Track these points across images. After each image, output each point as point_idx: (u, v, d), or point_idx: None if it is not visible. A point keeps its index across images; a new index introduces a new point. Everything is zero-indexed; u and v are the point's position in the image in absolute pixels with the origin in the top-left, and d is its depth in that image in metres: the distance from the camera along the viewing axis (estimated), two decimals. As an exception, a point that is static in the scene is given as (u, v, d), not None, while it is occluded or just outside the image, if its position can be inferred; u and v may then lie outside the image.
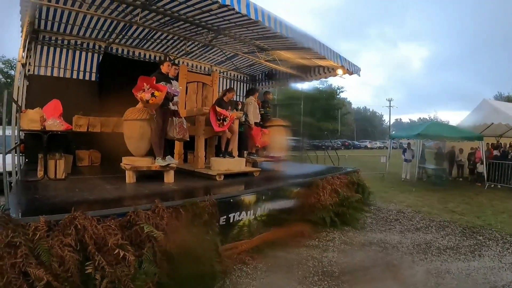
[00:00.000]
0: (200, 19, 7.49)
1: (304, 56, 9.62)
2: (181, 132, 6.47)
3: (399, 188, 13.25)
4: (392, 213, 8.80)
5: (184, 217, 4.17)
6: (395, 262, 5.43)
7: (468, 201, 10.98)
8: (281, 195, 6.34)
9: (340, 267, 5.07)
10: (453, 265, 5.40)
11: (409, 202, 10.47)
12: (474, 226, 7.79)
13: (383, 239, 6.56)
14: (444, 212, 9.21)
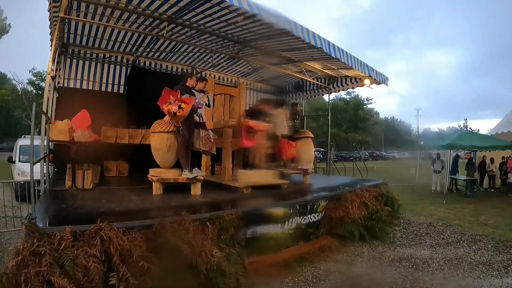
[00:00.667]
0: (226, 32, 7.58)
1: (331, 66, 9.58)
2: (208, 145, 6.49)
3: (429, 200, 12.92)
4: (422, 227, 8.57)
5: (210, 230, 4.14)
6: (426, 278, 5.24)
7: (500, 213, 10.58)
8: (309, 208, 6.23)
9: (370, 283, 4.95)
10: (485, 281, 5.20)
11: (440, 214, 10.19)
12: (508, 240, 7.49)
13: (413, 254, 6.36)
14: (476, 225, 8.92)
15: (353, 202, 7.00)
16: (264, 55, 9.07)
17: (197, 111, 6.26)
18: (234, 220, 4.47)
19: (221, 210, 4.67)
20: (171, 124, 5.94)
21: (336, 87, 11.66)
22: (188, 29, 7.46)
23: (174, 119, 5.75)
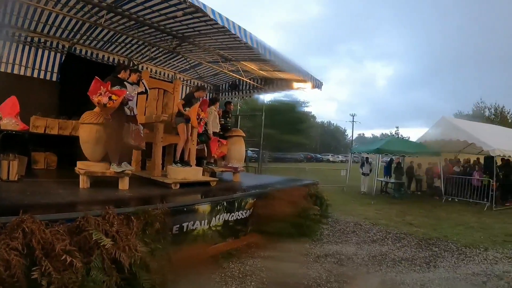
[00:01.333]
0: (165, 25, 7.59)
1: (267, 68, 9.87)
2: (137, 140, 6.40)
3: (358, 201, 13.65)
4: (349, 225, 9.05)
5: (135, 225, 4.16)
6: (350, 273, 5.59)
7: (425, 214, 11.46)
8: (236, 206, 6.42)
9: (295, 278, 5.18)
10: (408, 276, 5.61)
11: (367, 214, 10.79)
12: (430, 238, 8.12)
13: (339, 251, 6.75)
14: (401, 224, 9.54)
15: (282, 200, 7.26)
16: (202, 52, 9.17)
17: (128, 103, 6.21)
18: (159, 215, 4.51)
19: (148, 205, 4.70)
20: (101, 115, 5.86)
21: (271, 88, 11.98)
22: (127, 20, 7.37)
23: (104, 110, 5.66)
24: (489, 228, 9.65)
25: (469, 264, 6.45)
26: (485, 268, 6.21)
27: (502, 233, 9.05)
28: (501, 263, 6.59)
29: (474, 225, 10.00)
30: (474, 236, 8.60)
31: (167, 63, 10.89)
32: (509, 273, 6.01)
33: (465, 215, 11.59)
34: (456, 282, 5.50)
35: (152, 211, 4.47)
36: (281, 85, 11.68)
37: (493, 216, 11.68)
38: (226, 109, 9.80)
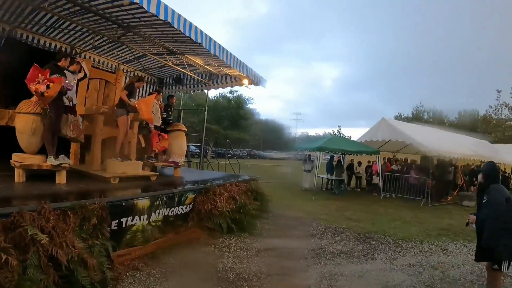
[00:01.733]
0: (111, 13, 7.35)
1: (212, 63, 9.87)
2: (76, 131, 6.20)
3: (299, 197, 13.96)
4: (290, 220, 9.22)
5: (72, 220, 4.07)
6: (290, 266, 5.75)
7: (364, 209, 11.97)
8: (177, 201, 6.43)
9: (235, 272, 5.24)
10: (346, 268, 5.86)
11: (308, 210, 11.04)
12: (369, 232, 8.51)
13: (280, 245, 6.90)
14: (340, 219, 9.88)
15: (222, 195, 7.39)
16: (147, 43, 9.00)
17: (67, 93, 5.98)
18: (97, 210, 4.43)
19: (85, 199, 4.59)
20: (38, 105, 5.59)
21: (216, 84, 12.03)
22: (72, 5, 7.03)
23: (42, 100, 5.41)
24: (425, 222, 10.30)
25: (406, 256, 6.85)
26: (420, 260, 6.64)
27: (436, 227, 9.70)
28: (436, 254, 7.09)
29: (411, 220, 10.62)
30: (410, 230, 9.13)
31: (110, 53, 10.55)
32: (443, 264, 6.49)
33: (402, 210, 12.27)
34: (393, 272, 5.82)
35: (90, 206, 4.38)
36: (225, 81, 11.78)
37: (428, 211, 12.51)
38: (169, 102, 9.68)
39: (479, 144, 21.27)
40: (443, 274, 5.92)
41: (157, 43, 8.90)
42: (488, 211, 4.45)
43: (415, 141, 15.06)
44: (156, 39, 8.67)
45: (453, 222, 10.52)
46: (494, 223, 4.32)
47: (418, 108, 55.75)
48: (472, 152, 17.50)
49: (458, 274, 6.00)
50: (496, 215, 4.34)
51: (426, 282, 5.49)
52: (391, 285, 5.25)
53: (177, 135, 9.08)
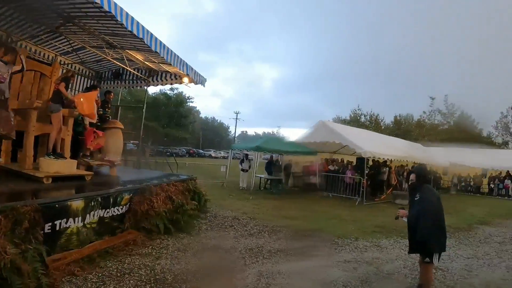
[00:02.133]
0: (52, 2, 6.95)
1: (152, 59, 9.72)
2: (6, 127, 5.81)
3: (237, 196, 14.06)
4: (227, 220, 9.26)
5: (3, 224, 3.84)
6: (228, 266, 5.85)
7: (301, 208, 12.28)
8: (112, 201, 6.25)
9: (174, 274, 5.19)
10: (284, 266, 5.98)
11: (246, 209, 11.14)
12: (305, 230, 8.76)
13: (218, 245, 6.96)
14: (278, 218, 10.05)
15: (159, 195, 7.26)
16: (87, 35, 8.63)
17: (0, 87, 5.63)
18: (29, 213, 4.21)
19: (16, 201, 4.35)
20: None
21: (156, 81, 11.79)
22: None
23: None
24: (360, 220, 10.79)
25: (341, 252, 7.15)
26: (356, 256, 6.96)
27: (371, 224, 10.19)
28: (370, 250, 7.46)
29: (347, 218, 11.09)
30: (346, 228, 9.51)
31: (48, 43, 9.88)
32: (377, 259, 6.85)
33: (338, 209, 12.77)
34: (329, 269, 6.04)
35: (21, 208, 4.16)
36: (165, 78, 11.58)
37: (363, 210, 13.16)
38: (106, 98, 9.36)
39: (412, 147, 22.86)
40: (377, 269, 6.25)
41: (97, 36, 8.52)
42: (422, 207, 4.82)
43: (351, 143, 15.93)
44: (96, 32, 8.31)
45: (386, 219, 11.00)
46: (427, 219, 4.70)
47: (356, 111, 58.11)
48: (405, 154, 18.81)
49: (392, 268, 6.37)
50: (429, 211, 4.75)
51: (361, 277, 5.75)
52: (328, 281, 5.45)
53: (113, 132, 8.69)
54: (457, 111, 49.34)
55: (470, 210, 15.15)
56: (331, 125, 19.39)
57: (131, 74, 11.84)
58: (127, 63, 10.07)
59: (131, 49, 9.23)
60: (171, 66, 9.16)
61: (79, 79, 11.89)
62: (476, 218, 12.97)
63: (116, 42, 8.89)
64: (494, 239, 9.62)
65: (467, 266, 6.83)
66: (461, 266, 6.78)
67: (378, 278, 5.82)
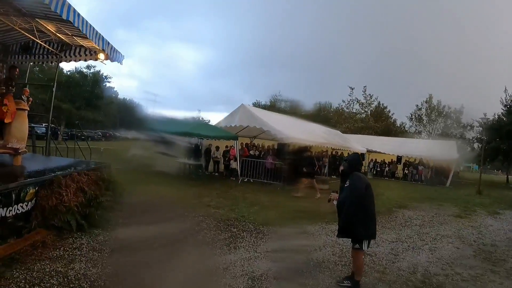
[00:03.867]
0: None
1: (65, 31, 8.86)
2: None
3: (156, 183, 13.20)
4: (146, 210, 8.61)
5: None
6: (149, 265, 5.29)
7: (223, 195, 12.08)
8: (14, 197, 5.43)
9: (90, 280, 4.64)
10: (210, 260, 5.69)
11: (165, 197, 10.63)
12: (229, 219, 8.50)
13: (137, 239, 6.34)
14: (199, 206, 9.70)
15: (69, 187, 6.65)
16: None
17: None
18: None
19: None
20: None
21: (69, 56, 10.69)
22: None
23: None
24: (281, 206, 10.82)
25: (268, 242, 7.01)
26: (282, 245, 6.85)
27: (292, 210, 10.27)
28: (297, 238, 7.44)
29: (268, 204, 11.06)
30: (269, 214, 9.42)
31: None
32: (305, 247, 6.81)
33: (260, 195, 12.72)
34: (258, 261, 5.85)
35: None
36: (79, 54, 10.59)
37: (284, 195, 13.22)
38: (10, 75, 8.07)
39: (331, 133, 23.74)
40: (306, 258, 6.21)
41: (2, 0, 7.37)
42: (349, 194, 5.01)
43: (272, 128, 16.04)
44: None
45: (309, 205, 11.25)
46: (352, 205, 4.91)
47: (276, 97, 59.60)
48: (325, 140, 19.71)
49: (321, 256, 6.39)
50: (356, 198, 4.93)
51: (292, 268, 5.67)
52: (258, 275, 5.26)
53: (17, 115, 7.46)
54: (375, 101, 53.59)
55: (387, 194, 16.12)
56: (252, 109, 19.47)
57: (41, 48, 10.68)
58: (37, 34, 8.93)
59: (42, 17, 8.15)
60: (86, 39, 8.46)
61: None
62: (394, 201, 13.88)
63: (25, 9, 7.78)
64: (414, 222, 10.20)
65: (393, 250, 7.15)
66: (387, 251, 7.08)
67: (308, 267, 5.79)
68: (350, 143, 24.94)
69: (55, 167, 7.74)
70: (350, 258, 6.10)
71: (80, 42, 9.70)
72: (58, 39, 9.73)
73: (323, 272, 5.66)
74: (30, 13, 8.03)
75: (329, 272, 5.68)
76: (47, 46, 10.08)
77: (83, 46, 10.06)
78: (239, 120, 17.60)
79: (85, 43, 9.62)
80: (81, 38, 9.08)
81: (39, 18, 8.26)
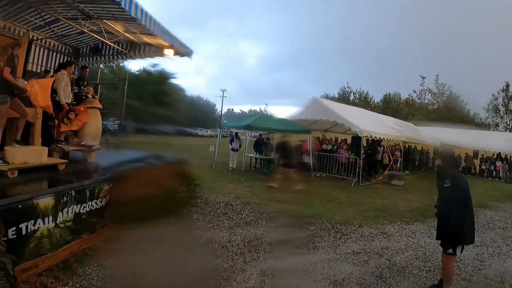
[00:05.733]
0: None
1: (132, 30, 8.93)
2: None
3: (227, 178, 13.53)
4: (220, 206, 8.69)
5: None
6: (226, 265, 5.21)
7: (296, 190, 11.69)
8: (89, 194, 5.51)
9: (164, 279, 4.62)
10: (288, 261, 5.48)
11: (238, 193, 10.61)
12: (304, 216, 8.24)
13: (211, 238, 6.33)
14: (273, 202, 9.51)
15: (144, 182, 6.65)
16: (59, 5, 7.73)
17: None
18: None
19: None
20: None
21: (138, 54, 10.91)
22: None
23: None
24: (358, 203, 10.38)
25: (347, 242, 6.69)
26: (363, 246, 6.52)
27: (371, 208, 9.81)
28: (377, 239, 7.04)
29: (344, 200, 10.67)
30: (346, 212, 9.09)
31: (18, 16, 8.96)
32: (387, 249, 6.43)
33: (334, 191, 12.38)
34: (338, 263, 5.56)
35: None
36: (148, 52, 10.72)
37: (360, 191, 12.76)
38: (81, 75, 8.43)
39: (403, 125, 22.54)
40: (389, 262, 5.84)
41: (70, 5, 7.66)
42: (454, 195, 4.60)
43: (346, 121, 15.46)
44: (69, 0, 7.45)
45: (386, 202, 10.85)
46: (460, 207, 4.52)
47: (345, 89, 57.76)
48: (398, 133, 18.63)
49: (404, 260, 5.99)
50: (462, 199, 4.58)
51: (375, 272, 5.35)
52: (339, 279, 4.99)
53: (90, 113, 7.64)
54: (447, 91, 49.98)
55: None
56: (325, 102, 19.05)
57: (110, 49, 11.02)
58: (106, 36, 9.25)
59: (109, 18, 8.40)
60: (154, 37, 8.47)
61: (54, 56, 10.97)
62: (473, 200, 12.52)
63: (92, 11, 8.05)
64: (497, 224, 9.46)
65: (478, 256, 6.61)
66: (472, 256, 6.52)
67: (392, 273, 5.41)
68: (423, 136, 23.62)
69: (129, 162, 7.86)
70: (434, 263, 5.77)
71: (148, 40, 9.78)
72: (126, 39, 10.01)
73: (407, 278, 5.31)
74: (97, 15, 8.32)
75: (414, 278, 5.33)
76: (116, 46, 10.42)
77: (151, 43, 10.14)
78: (311, 113, 17.23)
79: (153, 41, 9.64)
80: (148, 36, 9.13)
81: (107, 20, 8.53)
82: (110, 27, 8.88)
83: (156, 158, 9.06)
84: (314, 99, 18.12)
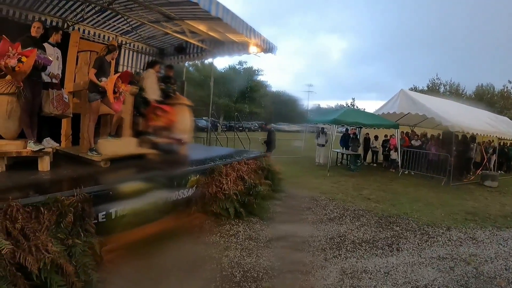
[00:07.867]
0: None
1: (216, 28, 9.15)
2: (60, 106, 5.54)
3: (313, 173, 13.39)
4: (304, 201, 8.62)
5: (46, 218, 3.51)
6: (306, 260, 5.18)
7: (382, 187, 11.36)
8: (177, 184, 5.85)
9: (243, 269, 4.71)
10: (370, 262, 5.30)
11: (323, 188, 10.46)
12: (390, 215, 7.93)
13: (293, 232, 6.30)
14: (358, 199, 9.31)
15: (229, 176, 6.83)
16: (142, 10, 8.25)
17: (47, 69, 5.35)
18: (75, 204, 3.85)
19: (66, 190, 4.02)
20: (13, 84, 4.98)
21: (222, 52, 11.18)
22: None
23: (13, 76, 4.81)
24: (448, 204, 9.62)
25: (433, 246, 6.26)
26: (450, 251, 6.04)
27: (461, 210, 9.05)
28: (466, 245, 6.47)
29: (433, 201, 9.96)
30: (434, 213, 8.50)
31: (106, 24, 9.74)
32: (475, 257, 5.88)
33: (422, 189, 11.60)
34: (422, 268, 5.25)
35: (67, 200, 3.80)
36: (232, 49, 10.91)
37: (450, 191, 11.75)
38: (166, 73, 8.93)
39: (498, 120, 20.32)
40: (476, 271, 5.34)
41: (152, 9, 8.14)
42: None
43: (437, 115, 14.27)
44: (151, 5, 7.91)
45: (477, 204, 9.92)
46: None
47: (434, 80, 53.97)
48: (493, 128, 16.67)
49: (493, 270, 5.43)
50: None
51: (460, 281, 4.93)
52: (421, 285, 4.70)
53: (179, 109, 8.16)
54: None
55: None
56: (413, 95, 17.78)
57: (195, 47, 11.45)
58: (189, 35, 9.64)
59: (191, 19, 8.74)
60: (238, 34, 8.58)
61: (141, 57, 11.71)
62: None
63: (174, 13, 8.44)
64: None
65: None
66: None
67: (478, 283, 4.93)
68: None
69: (216, 156, 8.10)
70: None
71: (232, 38, 9.92)
72: (210, 37, 10.36)
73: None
74: (179, 16, 8.71)
75: (503, 292, 4.85)
76: (200, 44, 10.80)
77: (235, 41, 10.26)
78: (398, 107, 16.40)
79: (237, 38, 9.76)
80: (232, 33, 9.26)
81: (188, 20, 8.90)
82: (192, 27, 9.23)
83: (242, 152, 9.32)
84: (402, 92, 17.02)
